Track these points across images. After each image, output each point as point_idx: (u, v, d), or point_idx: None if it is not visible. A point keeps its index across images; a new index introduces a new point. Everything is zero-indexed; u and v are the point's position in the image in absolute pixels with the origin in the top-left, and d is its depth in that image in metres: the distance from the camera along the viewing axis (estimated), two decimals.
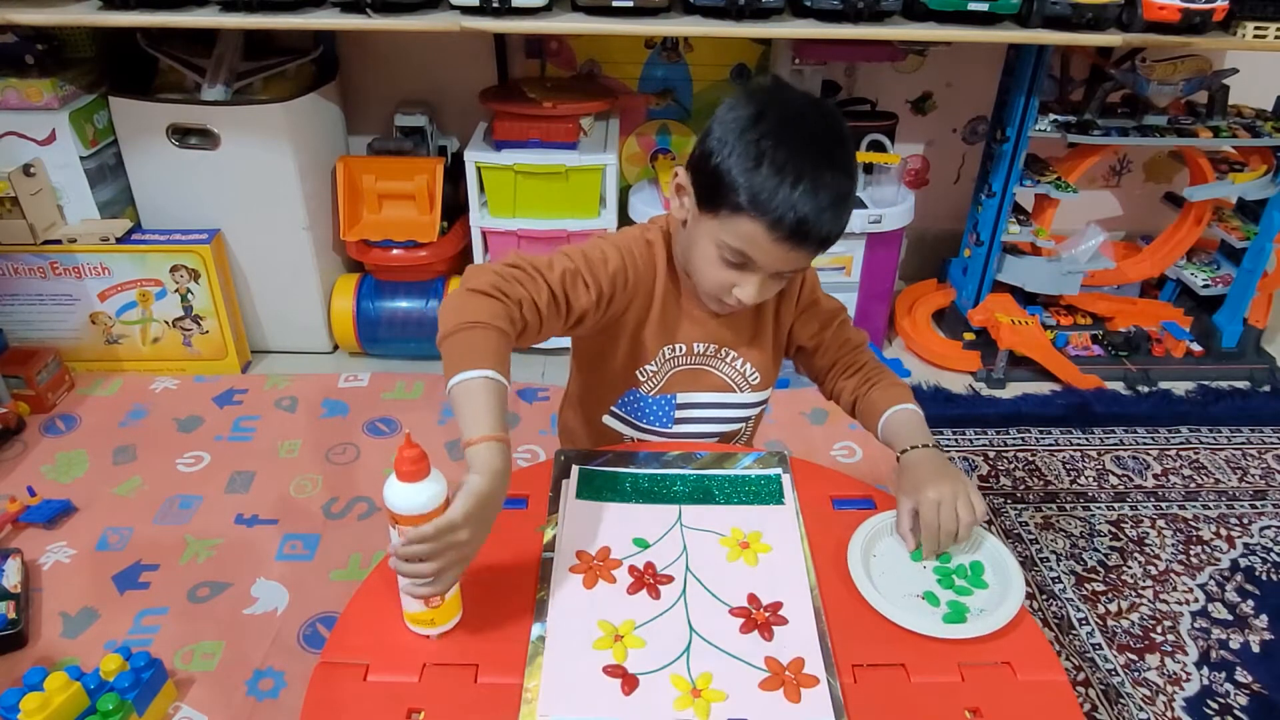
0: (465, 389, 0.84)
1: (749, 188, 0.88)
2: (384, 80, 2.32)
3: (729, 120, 0.91)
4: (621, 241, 1.03)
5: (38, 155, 1.94)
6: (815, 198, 0.87)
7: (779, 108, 0.90)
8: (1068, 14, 1.78)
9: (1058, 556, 1.72)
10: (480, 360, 0.85)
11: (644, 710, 0.74)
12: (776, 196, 0.87)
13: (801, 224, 0.88)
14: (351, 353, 2.28)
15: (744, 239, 0.91)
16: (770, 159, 0.87)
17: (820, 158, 0.88)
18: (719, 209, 0.91)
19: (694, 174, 0.95)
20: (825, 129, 0.91)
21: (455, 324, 0.87)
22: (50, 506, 1.69)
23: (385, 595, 0.85)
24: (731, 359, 1.10)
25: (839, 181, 0.89)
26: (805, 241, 0.90)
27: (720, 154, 0.90)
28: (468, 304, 0.88)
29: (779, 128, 0.88)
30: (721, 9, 1.77)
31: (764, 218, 0.88)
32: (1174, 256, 2.37)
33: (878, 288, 2.23)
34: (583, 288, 0.97)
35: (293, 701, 1.36)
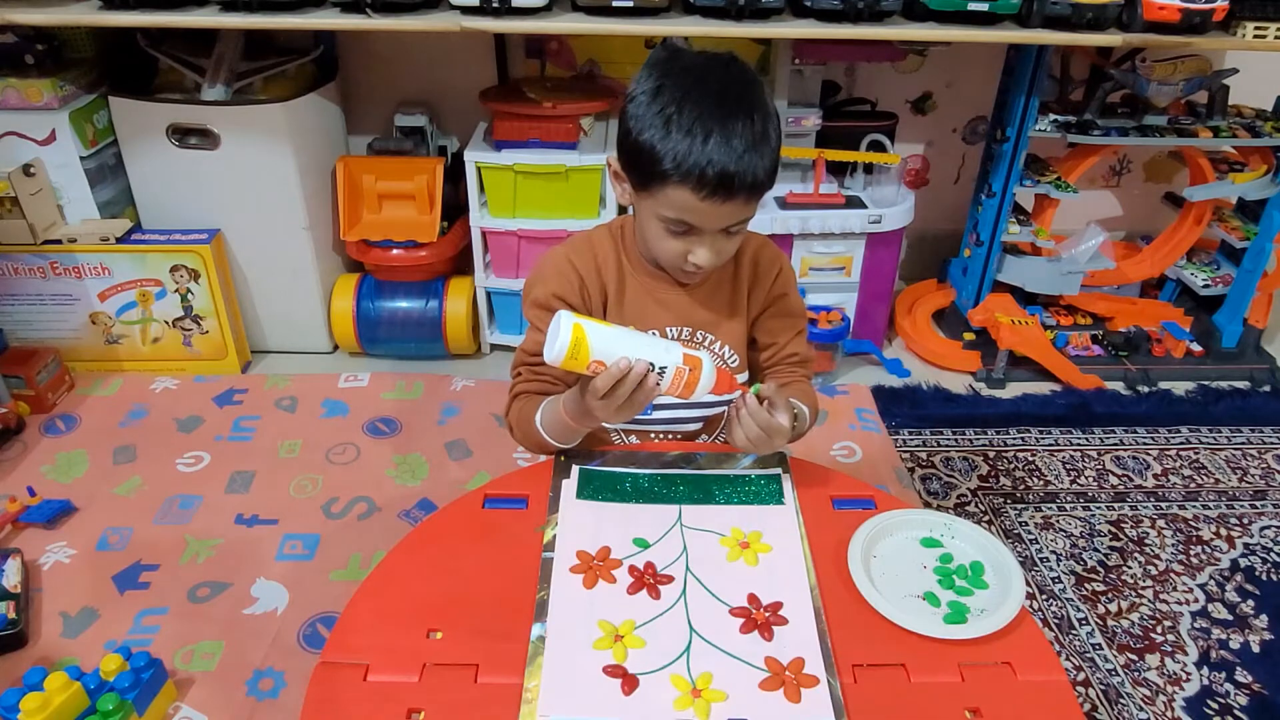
0: (548, 424, 1.03)
1: (666, 155, 0.91)
2: (384, 80, 2.32)
3: (637, 96, 0.94)
4: (554, 259, 1.08)
5: (38, 155, 1.94)
6: (729, 146, 0.89)
7: (677, 73, 0.93)
8: (1068, 14, 1.78)
9: (1058, 556, 1.72)
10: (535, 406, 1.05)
11: (644, 710, 0.74)
12: (691, 156, 0.90)
13: (723, 176, 0.90)
14: (351, 353, 2.28)
15: (677, 206, 0.93)
16: (677, 123, 0.90)
17: (726, 108, 0.91)
18: (649, 184, 0.95)
19: (621, 157, 0.99)
20: (727, 80, 0.94)
21: (513, 426, 1.09)
22: (50, 506, 1.69)
23: (385, 595, 0.85)
24: (709, 342, 1.11)
25: (750, 125, 0.91)
26: (734, 192, 0.92)
27: (636, 130, 0.93)
28: (514, 426, 1.09)
29: (680, 92, 0.91)
30: (721, 9, 1.77)
31: (687, 180, 0.91)
32: (1174, 256, 2.37)
33: (878, 288, 2.23)
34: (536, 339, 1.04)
35: (293, 701, 1.36)
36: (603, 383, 0.89)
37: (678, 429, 1.16)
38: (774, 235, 2.07)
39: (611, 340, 0.89)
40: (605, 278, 1.07)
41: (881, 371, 2.29)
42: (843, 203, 2.12)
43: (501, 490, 0.99)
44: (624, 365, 0.88)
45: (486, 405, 2.07)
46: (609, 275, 1.07)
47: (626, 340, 0.90)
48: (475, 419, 2.03)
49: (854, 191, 2.18)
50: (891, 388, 2.21)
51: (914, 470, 1.93)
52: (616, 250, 1.08)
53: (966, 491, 1.88)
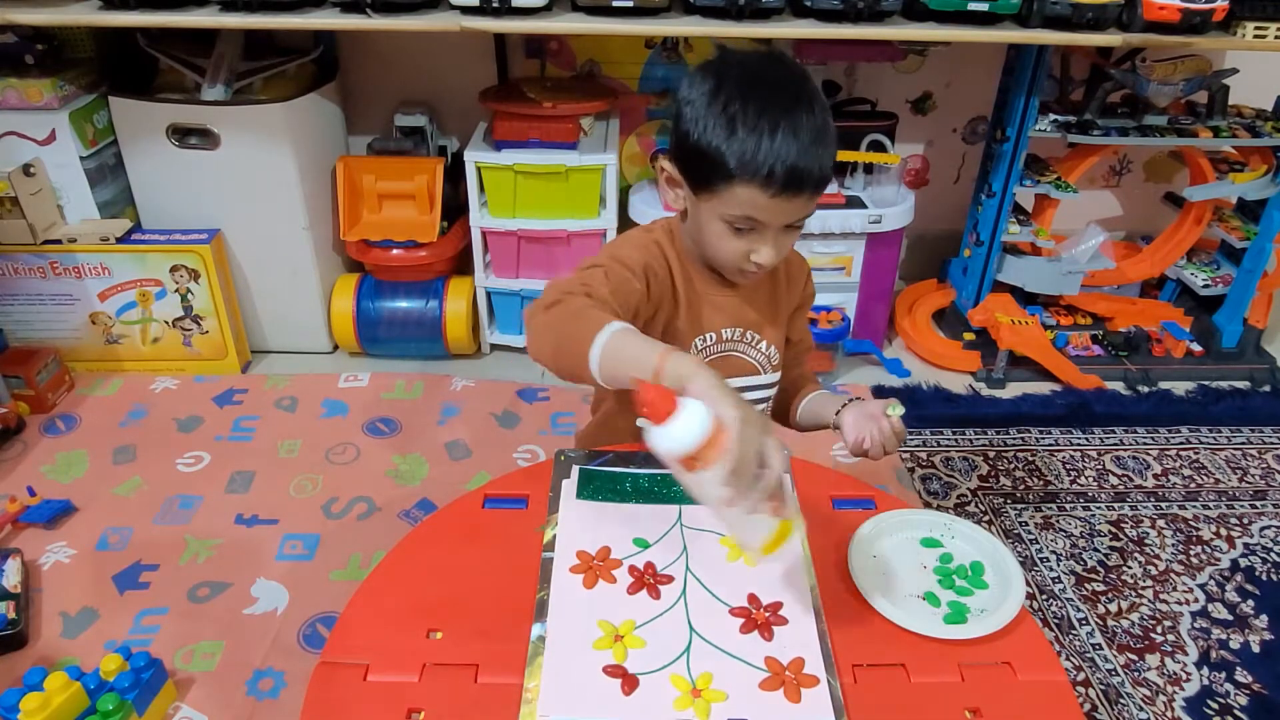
0: (611, 346, 0.82)
1: (733, 154, 0.90)
2: (384, 80, 2.32)
3: (694, 99, 0.93)
4: (635, 242, 1.06)
5: (38, 155, 1.94)
6: (797, 140, 0.89)
7: (735, 70, 0.93)
8: (1068, 14, 1.78)
9: (1058, 556, 1.72)
10: (599, 322, 0.84)
11: (644, 710, 0.74)
12: (760, 153, 0.89)
13: (793, 171, 0.90)
14: (351, 353, 2.28)
15: (745, 204, 0.93)
16: (743, 120, 0.89)
17: (789, 102, 0.90)
18: (712, 185, 0.94)
19: (679, 161, 0.98)
20: (785, 76, 0.93)
21: (556, 333, 0.87)
22: (50, 506, 1.69)
23: (385, 595, 0.85)
24: (756, 341, 1.12)
25: (813, 119, 0.91)
26: (802, 186, 0.92)
27: (696, 133, 0.92)
28: (551, 316, 0.89)
29: (741, 89, 0.91)
30: (721, 9, 1.77)
31: (756, 177, 0.90)
32: (1174, 256, 2.37)
33: (878, 288, 2.23)
34: (629, 279, 0.97)
35: (293, 701, 1.36)
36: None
37: None
38: None
39: None
40: (675, 279, 1.06)
41: (881, 371, 2.29)
42: (843, 203, 2.12)
43: (501, 490, 0.99)
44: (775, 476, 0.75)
45: (486, 405, 2.07)
46: (677, 277, 1.06)
47: None
48: (475, 419, 2.03)
49: (854, 191, 2.18)
50: (891, 388, 2.21)
51: (914, 470, 1.93)
52: (672, 254, 1.06)
53: (966, 491, 1.88)
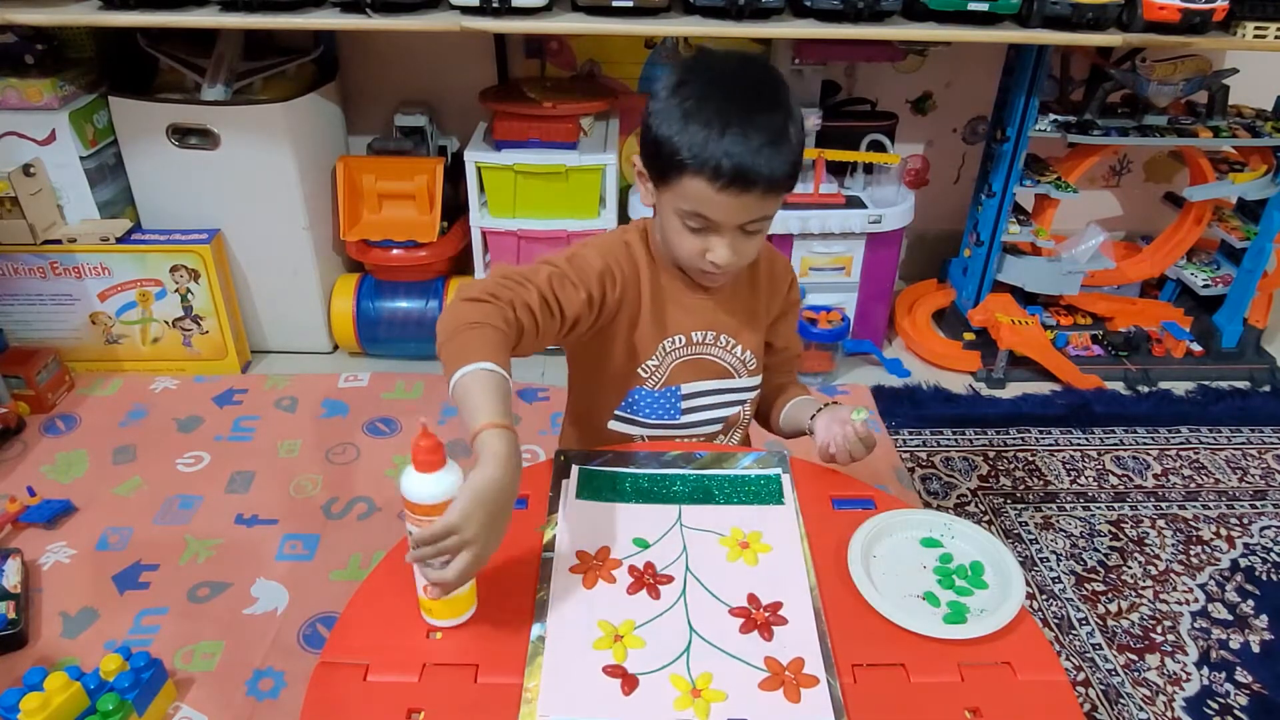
0: (465, 384, 0.84)
1: (683, 145, 0.91)
2: (384, 80, 2.32)
3: (659, 93, 0.95)
4: (602, 244, 1.06)
5: (38, 155, 1.94)
6: (747, 140, 0.89)
7: (702, 69, 0.94)
8: (1068, 14, 1.78)
9: (1058, 556, 1.72)
10: (476, 355, 0.85)
11: (644, 710, 0.74)
12: (708, 147, 0.90)
13: (740, 169, 0.90)
14: (351, 353, 2.28)
15: (693, 199, 0.93)
16: (697, 115, 0.90)
17: (748, 102, 0.91)
18: (667, 177, 0.95)
19: (642, 152, 0.99)
20: (752, 77, 0.94)
21: (451, 329, 0.88)
22: (50, 506, 1.69)
23: (385, 595, 0.85)
24: (730, 345, 1.11)
25: (771, 120, 0.91)
26: (750, 186, 0.91)
27: (655, 124, 0.94)
28: (461, 311, 0.90)
29: (703, 86, 0.92)
30: (721, 9, 1.77)
31: (703, 171, 0.91)
32: (1174, 256, 2.37)
33: (878, 288, 2.23)
34: (571, 289, 0.98)
35: (293, 701, 1.36)
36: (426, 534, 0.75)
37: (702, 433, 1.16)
38: (774, 235, 2.07)
39: None
40: (642, 280, 1.06)
41: (881, 371, 2.29)
42: (843, 203, 2.12)
43: None
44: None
45: None
46: (644, 278, 1.07)
47: None
48: None
49: (854, 191, 2.18)
50: (891, 388, 2.21)
51: (914, 470, 1.93)
52: (644, 255, 1.07)
53: (966, 491, 1.88)
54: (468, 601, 0.82)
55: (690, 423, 1.14)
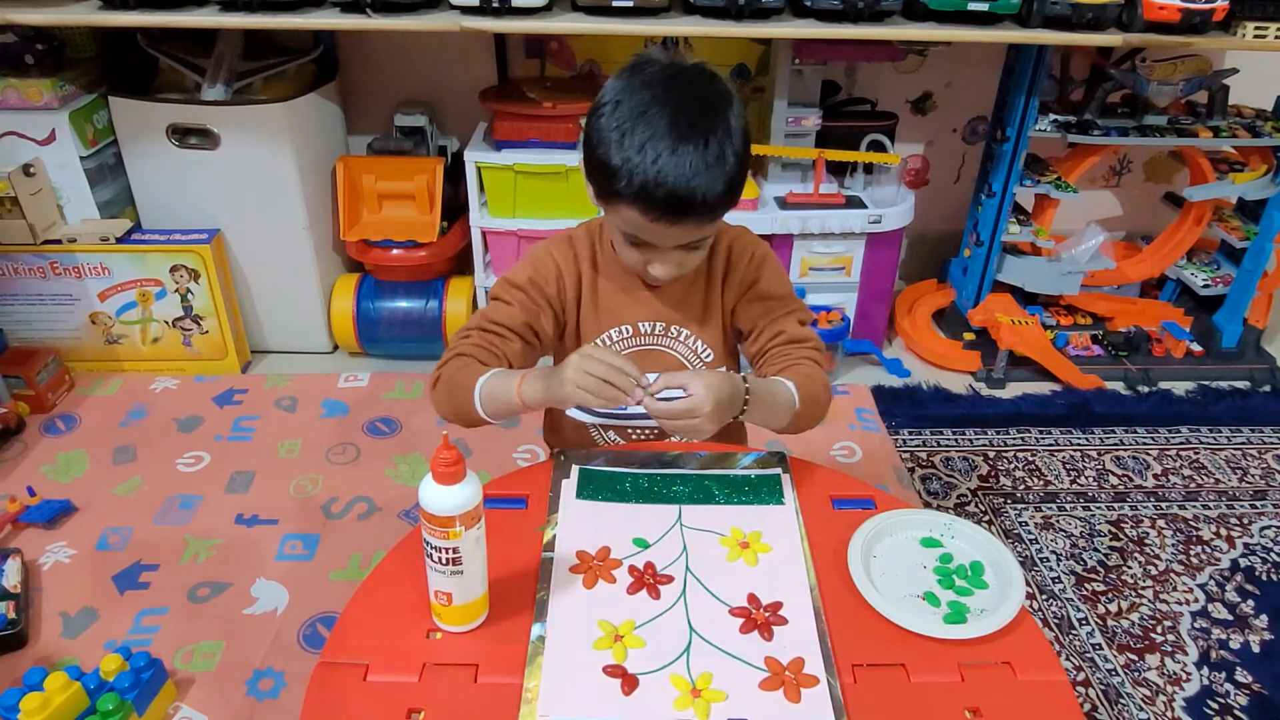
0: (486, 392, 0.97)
1: (616, 173, 0.90)
2: (384, 80, 2.32)
3: (600, 108, 0.93)
4: (538, 250, 1.09)
5: (38, 155, 1.94)
6: (678, 169, 0.87)
7: (638, 87, 0.91)
8: (1068, 14, 1.78)
9: (1058, 556, 1.72)
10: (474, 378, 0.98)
11: (644, 710, 0.74)
12: (637, 176, 0.88)
13: (671, 198, 0.88)
14: (351, 353, 2.28)
15: (629, 223, 0.93)
16: (629, 140, 0.88)
17: (679, 129, 0.88)
18: (605, 198, 0.94)
19: (584, 168, 0.99)
20: (687, 96, 0.90)
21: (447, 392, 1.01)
22: (50, 506, 1.69)
23: (385, 595, 0.85)
24: (684, 337, 1.11)
25: (703, 148, 0.88)
26: (684, 214, 0.91)
27: (594, 143, 0.93)
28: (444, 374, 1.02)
29: (638, 108, 0.89)
30: (721, 9, 1.77)
31: (637, 201, 0.90)
32: (1174, 256, 2.37)
33: (878, 288, 2.23)
34: (504, 310, 1.05)
35: (293, 701, 1.36)
36: (603, 367, 0.89)
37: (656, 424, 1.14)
38: (774, 235, 2.07)
39: None
40: (581, 271, 1.08)
41: (881, 371, 2.29)
42: (843, 203, 2.12)
43: (501, 490, 0.99)
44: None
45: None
46: (584, 270, 1.08)
47: None
48: None
49: (854, 191, 2.18)
50: (891, 388, 2.21)
51: (914, 470, 1.93)
52: (592, 247, 1.09)
53: (966, 491, 1.88)
54: (480, 608, 0.82)
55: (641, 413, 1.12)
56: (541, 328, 1.07)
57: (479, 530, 0.77)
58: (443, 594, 0.79)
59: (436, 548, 0.76)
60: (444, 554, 0.76)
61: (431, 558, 0.77)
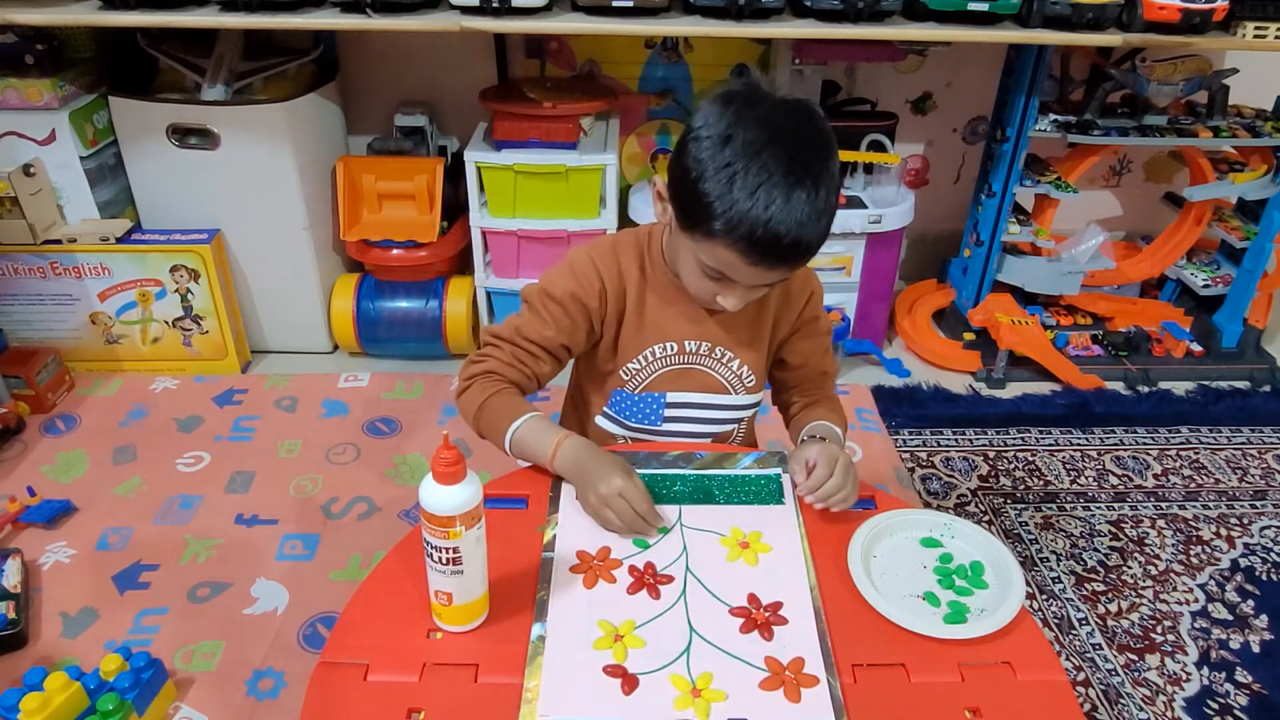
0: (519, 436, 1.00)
1: (722, 215, 0.87)
2: (384, 80, 2.32)
3: (703, 139, 0.88)
4: (578, 259, 1.05)
5: (38, 155, 1.94)
6: (787, 218, 0.86)
7: (750, 124, 0.87)
8: (1068, 14, 1.78)
9: (1058, 556, 1.72)
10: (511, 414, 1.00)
11: (644, 710, 0.74)
12: (745, 222, 0.86)
13: (775, 244, 0.87)
14: (351, 353, 2.28)
15: (721, 262, 0.91)
16: (741, 183, 0.85)
17: (794, 174, 0.86)
18: (695, 230, 0.91)
19: (671, 189, 0.95)
20: (801, 140, 0.88)
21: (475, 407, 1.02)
22: (50, 506, 1.69)
23: (385, 595, 0.85)
24: (727, 359, 1.09)
25: (815, 195, 0.87)
26: (783, 260, 0.90)
27: (695, 173, 0.88)
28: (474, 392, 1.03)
29: (751, 147, 0.86)
30: (721, 9, 1.77)
31: (738, 243, 0.88)
32: (1174, 256, 2.37)
33: (878, 288, 2.23)
34: (539, 327, 1.04)
35: (293, 701, 1.36)
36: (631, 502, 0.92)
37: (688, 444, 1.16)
38: None
39: None
40: (627, 285, 1.05)
41: (881, 371, 2.29)
42: (843, 203, 2.12)
43: (501, 490, 0.99)
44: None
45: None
46: (630, 283, 1.05)
47: None
48: None
49: (854, 191, 2.18)
50: (891, 388, 2.21)
51: (914, 470, 1.93)
52: (641, 258, 1.06)
53: (966, 491, 1.88)
54: (480, 608, 0.82)
55: (673, 431, 1.13)
56: (575, 343, 1.06)
57: (479, 530, 0.77)
58: (443, 594, 0.79)
59: (437, 547, 0.76)
60: (444, 554, 0.76)
61: (432, 557, 0.77)
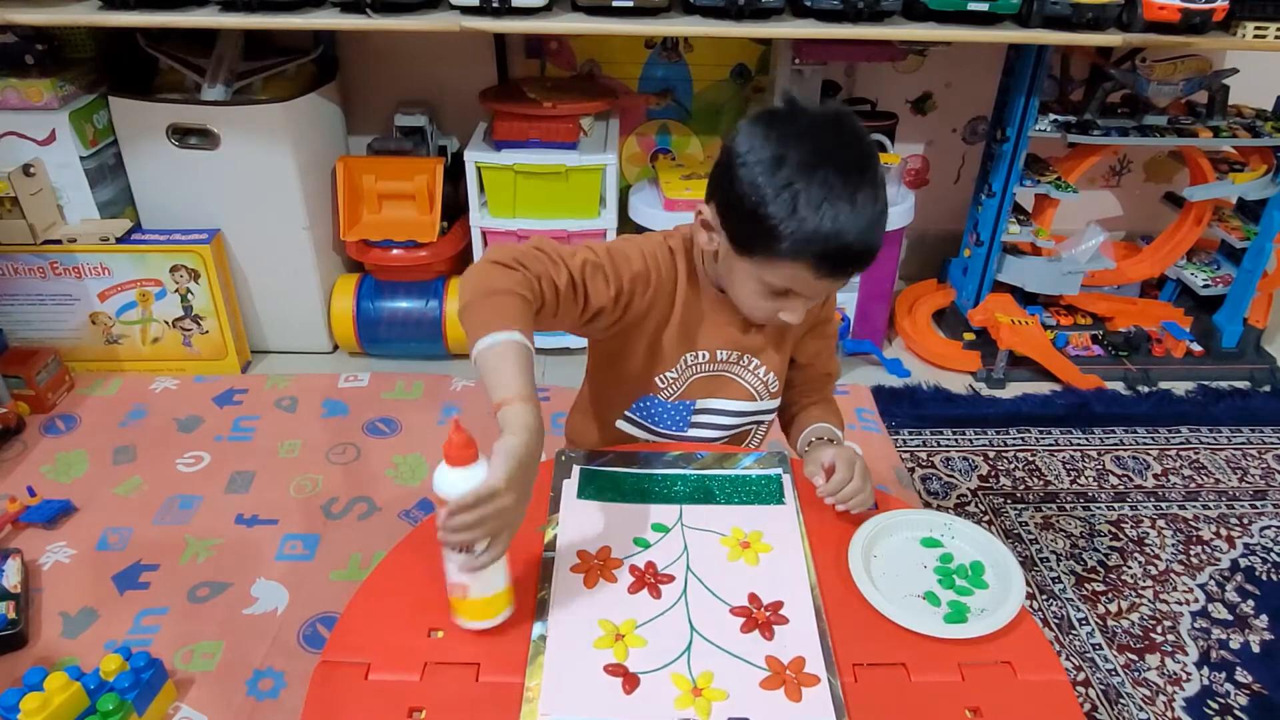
0: (493, 352, 0.83)
1: (790, 234, 0.87)
2: (384, 80, 2.32)
3: (753, 164, 0.88)
4: (646, 245, 1.02)
5: (38, 155, 1.94)
6: (855, 225, 0.87)
7: (798, 142, 0.87)
8: (1068, 14, 1.78)
9: (1058, 556, 1.72)
10: (506, 323, 0.84)
11: (645, 709, 0.74)
12: (818, 237, 0.86)
13: (846, 254, 0.89)
14: (351, 353, 2.28)
15: (790, 279, 0.92)
16: (805, 199, 0.85)
17: (851, 183, 0.86)
18: (757, 254, 0.91)
19: (724, 217, 0.94)
20: (850, 148, 0.89)
21: (478, 291, 0.86)
22: (50, 506, 1.69)
23: (386, 595, 0.85)
24: (754, 366, 1.10)
25: (873, 201, 0.88)
26: (852, 267, 0.92)
27: (753, 198, 0.87)
28: (489, 273, 0.88)
29: (805, 165, 0.86)
30: (721, 9, 1.77)
31: (809, 259, 0.88)
32: (1174, 256, 2.37)
33: (878, 288, 2.23)
34: (602, 282, 0.96)
35: (293, 701, 1.36)
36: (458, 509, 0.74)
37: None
38: None
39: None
40: (676, 291, 1.04)
41: (881, 371, 2.29)
42: None
43: None
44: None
45: (487, 405, 2.06)
46: (680, 290, 1.04)
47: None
48: (475, 419, 2.03)
49: None
50: (891, 388, 2.21)
51: (914, 470, 1.93)
52: (680, 268, 1.04)
53: (966, 491, 1.88)
54: (503, 602, 0.81)
55: (695, 437, 1.14)
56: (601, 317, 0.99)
57: None
58: (459, 587, 0.78)
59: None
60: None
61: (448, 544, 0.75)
